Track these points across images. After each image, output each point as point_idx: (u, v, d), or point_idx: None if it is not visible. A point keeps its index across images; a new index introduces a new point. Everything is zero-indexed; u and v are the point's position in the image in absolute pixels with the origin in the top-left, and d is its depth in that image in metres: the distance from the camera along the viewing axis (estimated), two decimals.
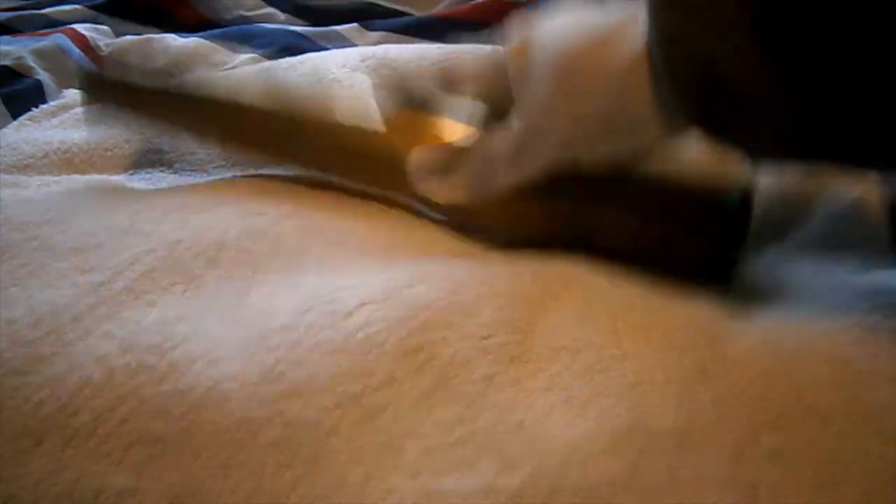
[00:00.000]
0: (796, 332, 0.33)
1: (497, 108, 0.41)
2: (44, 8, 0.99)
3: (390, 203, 0.46)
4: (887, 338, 0.32)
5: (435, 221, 0.45)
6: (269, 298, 0.37)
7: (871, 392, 0.30)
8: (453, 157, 0.42)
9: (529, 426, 0.31)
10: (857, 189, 0.45)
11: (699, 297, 0.36)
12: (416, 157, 0.43)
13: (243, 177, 0.51)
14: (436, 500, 0.30)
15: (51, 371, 0.33)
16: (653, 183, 0.38)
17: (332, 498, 0.30)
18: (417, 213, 0.45)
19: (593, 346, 0.33)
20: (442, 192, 0.43)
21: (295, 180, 0.48)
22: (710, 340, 0.33)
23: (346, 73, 0.62)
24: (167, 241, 0.39)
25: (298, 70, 0.64)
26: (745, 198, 0.38)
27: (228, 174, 0.52)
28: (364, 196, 0.47)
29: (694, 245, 0.38)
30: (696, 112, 0.32)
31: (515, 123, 0.39)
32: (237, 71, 0.67)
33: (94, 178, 0.54)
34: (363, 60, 0.64)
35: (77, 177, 0.55)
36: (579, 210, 0.40)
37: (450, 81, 0.42)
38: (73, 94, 0.72)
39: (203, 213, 0.42)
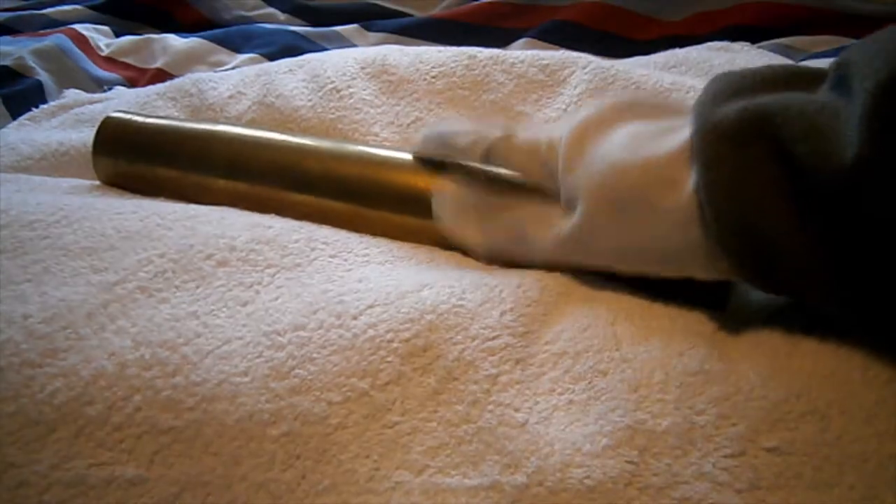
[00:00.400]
0: (794, 333, 0.33)
1: (532, 182, 0.41)
2: (44, 8, 0.99)
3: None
4: (883, 338, 0.32)
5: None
6: (279, 297, 0.37)
7: (870, 392, 0.30)
8: (478, 205, 0.42)
9: (532, 426, 0.32)
10: None
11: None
12: (440, 194, 0.43)
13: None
14: (440, 496, 0.30)
15: (65, 363, 0.33)
16: None
17: (340, 490, 0.31)
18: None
19: (593, 349, 0.34)
20: (461, 235, 0.43)
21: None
22: (709, 342, 0.34)
23: (345, 82, 0.63)
24: (178, 245, 0.40)
25: (297, 75, 0.65)
26: None
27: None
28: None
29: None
30: (739, 260, 0.33)
31: (556, 216, 0.40)
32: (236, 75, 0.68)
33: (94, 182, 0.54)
34: (363, 68, 0.64)
35: (77, 180, 0.56)
36: None
37: (495, 150, 0.42)
38: (73, 94, 0.72)
39: (211, 223, 0.42)
